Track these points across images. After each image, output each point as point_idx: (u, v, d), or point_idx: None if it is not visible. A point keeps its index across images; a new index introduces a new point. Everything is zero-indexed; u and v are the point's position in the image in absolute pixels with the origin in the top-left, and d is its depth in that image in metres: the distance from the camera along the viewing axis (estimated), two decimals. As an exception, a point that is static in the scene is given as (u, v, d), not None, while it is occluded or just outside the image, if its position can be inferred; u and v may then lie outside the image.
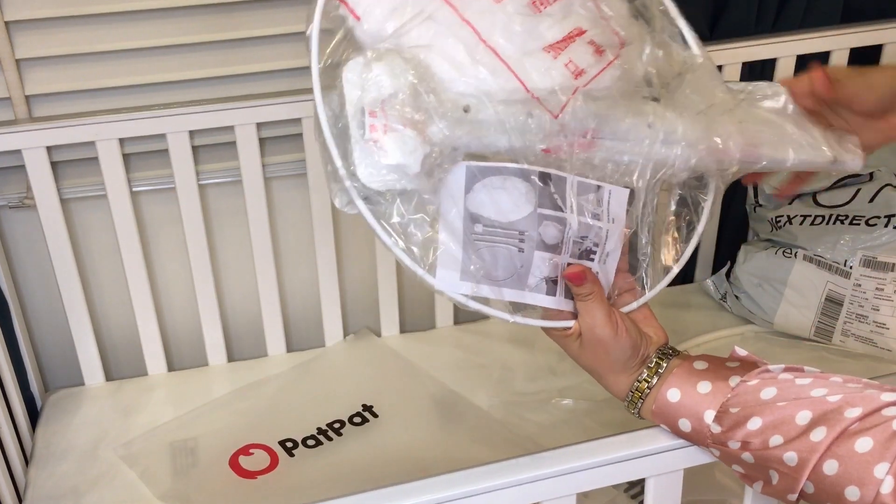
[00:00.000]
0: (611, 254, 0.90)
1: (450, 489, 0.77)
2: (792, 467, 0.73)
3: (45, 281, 1.48)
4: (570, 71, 0.87)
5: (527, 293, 0.86)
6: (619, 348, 0.86)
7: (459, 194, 0.84)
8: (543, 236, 0.86)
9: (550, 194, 0.86)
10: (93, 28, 1.36)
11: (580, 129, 0.87)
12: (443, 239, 0.84)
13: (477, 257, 0.84)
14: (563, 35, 0.87)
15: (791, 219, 1.54)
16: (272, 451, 1.34)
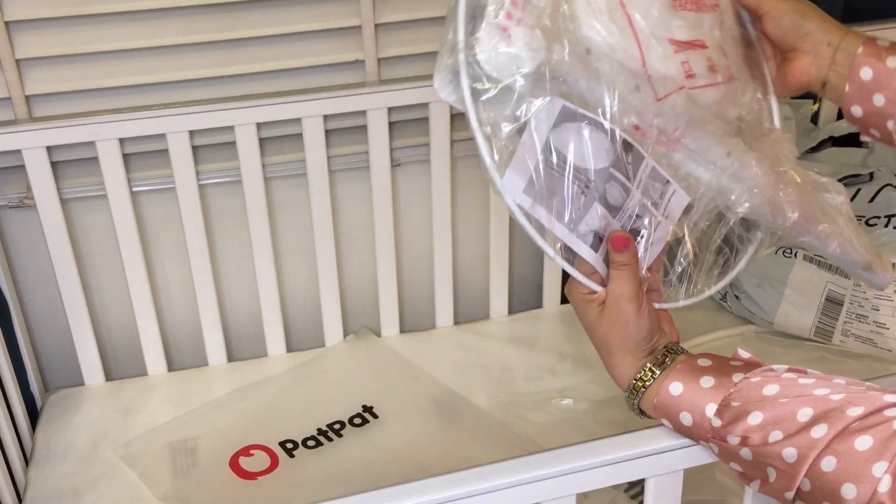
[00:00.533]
0: (654, 245, 0.91)
1: (450, 489, 0.77)
2: (790, 464, 0.73)
3: (45, 281, 1.48)
4: (684, 70, 0.89)
5: (573, 236, 0.87)
6: (637, 327, 0.86)
7: (546, 123, 0.86)
8: (608, 193, 0.88)
9: (626, 163, 0.88)
10: (93, 28, 1.36)
11: (672, 124, 0.89)
12: (523, 145, 0.85)
13: (545, 180, 0.85)
14: (688, 38, 0.90)
15: (791, 219, 1.54)
16: (272, 451, 1.34)
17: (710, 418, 0.79)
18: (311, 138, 1.44)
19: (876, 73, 0.89)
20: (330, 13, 1.44)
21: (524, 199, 0.85)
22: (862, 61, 0.90)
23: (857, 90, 0.90)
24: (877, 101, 0.89)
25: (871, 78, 0.89)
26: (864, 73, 0.90)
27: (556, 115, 0.86)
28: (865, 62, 0.90)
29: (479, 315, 1.69)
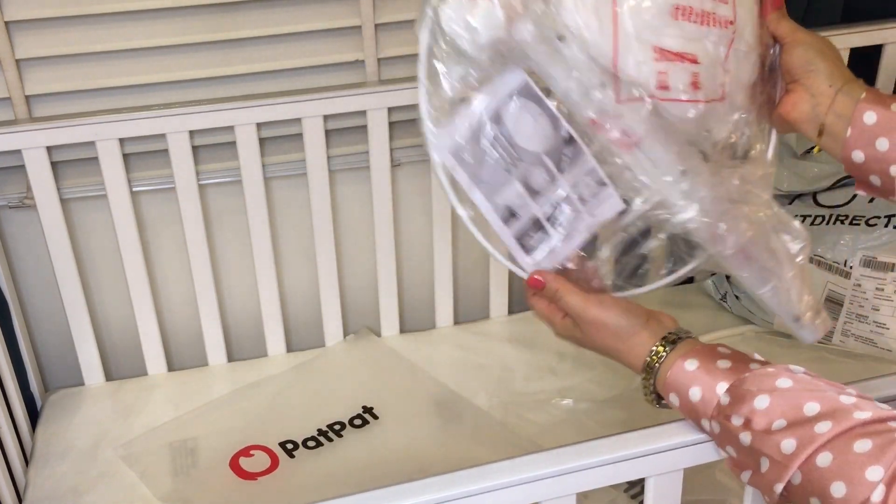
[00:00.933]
0: (570, 238, 0.94)
1: (449, 489, 0.77)
2: (786, 455, 0.73)
3: (45, 281, 1.48)
4: (659, 80, 0.89)
5: (488, 204, 0.92)
6: (612, 316, 0.90)
7: (500, 92, 0.90)
8: (531, 175, 0.92)
9: (562, 154, 0.91)
10: (93, 28, 1.36)
11: (629, 129, 0.90)
12: (465, 110, 0.89)
13: (474, 146, 0.89)
14: (677, 50, 0.90)
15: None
16: (272, 452, 1.34)
17: (719, 395, 0.80)
18: (311, 138, 1.44)
19: (880, 117, 0.89)
20: (330, 13, 1.44)
21: (450, 159, 0.90)
22: (866, 106, 0.90)
23: (860, 134, 0.90)
24: (880, 145, 0.89)
25: (875, 122, 0.89)
26: (867, 117, 0.89)
27: (514, 88, 0.90)
28: (869, 107, 0.89)
29: (479, 315, 1.69)
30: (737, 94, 0.95)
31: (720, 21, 0.92)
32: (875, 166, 0.90)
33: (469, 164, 0.91)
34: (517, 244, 0.94)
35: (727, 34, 0.93)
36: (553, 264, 0.95)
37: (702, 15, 0.91)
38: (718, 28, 0.92)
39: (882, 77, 1.60)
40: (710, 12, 0.91)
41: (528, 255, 0.95)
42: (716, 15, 0.92)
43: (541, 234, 0.95)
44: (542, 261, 0.95)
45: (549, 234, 0.94)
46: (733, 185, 0.95)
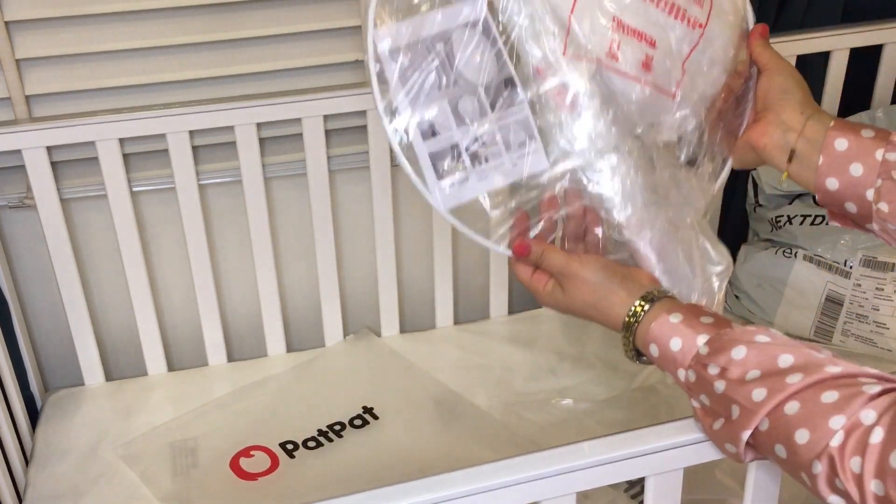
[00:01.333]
0: (485, 179, 0.93)
1: (449, 489, 0.77)
2: (756, 402, 0.74)
3: (45, 281, 1.48)
4: (608, 48, 0.90)
5: (411, 109, 0.91)
6: (592, 271, 0.91)
7: (456, 17, 0.90)
8: (462, 103, 0.92)
9: (499, 93, 0.92)
10: (93, 28, 1.36)
11: (570, 85, 0.91)
12: (417, 17, 0.90)
13: (414, 52, 0.89)
14: (635, 28, 0.90)
15: (791, 219, 1.54)
16: (273, 452, 1.34)
17: (698, 346, 0.81)
18: (311, 138, 1.44)
19: (851, 143, 0.89)
20: (330, 13, 1.44)
21: (385, 52, 0.89)
22: (836, 133, 0.90)
23: (832, 161, 0.90)
24: (854, 170, 0.89)
25: (846, 148, 0.89)
26: (838, 143, 0.89)
27: (472, 19, 0.90)
28: (840, 134, 0.90)
29: (479, 315, 1.69)
30: (690, 96, 0.94)
31: (690, 19, 0.93)
32: (850, 192, 0.90)
33: (403, 66, 0.90)
34: (429, 161, 0.92)
35: (693, 35, 0.93)
36: (461, 197, 0.93)
37: (671, 6, 0.91)
38: (686, 25, 0.92)
39: (882, 77, 1.60)
40: (681, 7, 0.92)
41: (436, 176, 0.93)
42: (686, 12, 0.92)
43: (455, 163, 0.93)
44: (450, 190, 0.93)
45: (465, 165, 0.93)
46: (664, 180, 0.95)
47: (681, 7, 0.92)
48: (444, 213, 0.93)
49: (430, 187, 0.93)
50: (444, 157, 0.92)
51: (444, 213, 0.93)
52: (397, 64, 0.90)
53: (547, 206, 0.94)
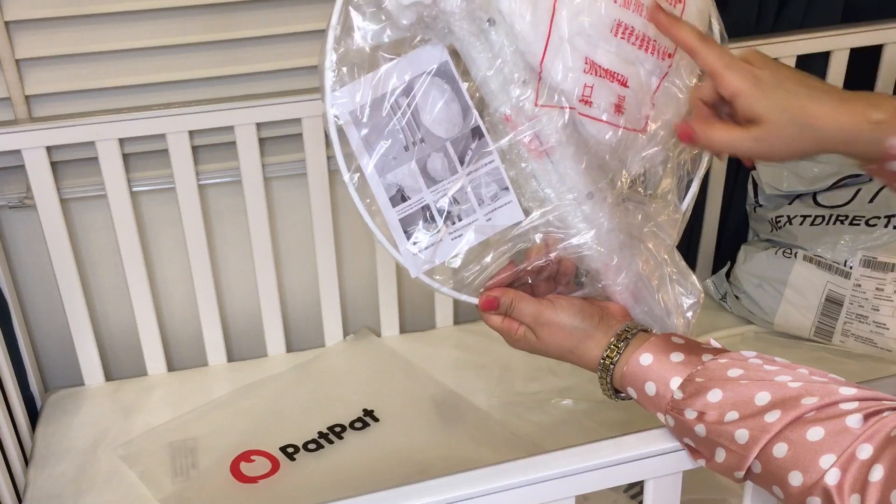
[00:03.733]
0: (460, 238, 0.91)
1: (449, 492, 0.78)
2: (741, 445, 0.74)
3: (45, 281, 1.48)
4: (581, 93, 0.87)
5: (377, 176, 0.88)
6: (567, 316, 0.90)
7: (416, 65, 0.86)
8: (431, 162, 0.89)
9: (467, 146, 0.89)
10: (93, 28, 1.36)
11: (543, 134, 0.88)
12: (374, 73, 0.86)
13: (375, 112, 0.86)
14: (608, 68, 0.88)
15: (791, 219, 1.54)
16: (273, 456, 1.34)
17: (672, 390, 0.81)
18: (311, 138, 1.44)
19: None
20: (330, 13, 1.43)
21: (345, 114, 0.86)
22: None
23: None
24: None
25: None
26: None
27: (433, 65, 0.87)
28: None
29: (478, 315, 1.68)
30: (660, 130, 0.92)
31: (659, 50, 0.90)
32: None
33: (365, 127, 0.87)
34: (400, 228, 0.90)
35: (663, 66, 0.91)
36: (434, 260, 0.92)
37: (642, 38, 0.88)
38: (656, 57, 0.90)
39: (882, 77, 1.60)
40: (651, 38, 0.89)
41: (408, 243, 0.91)
42: (657, 43, 0.90)
43: (427, 224, 0.91)
44: (424, 254, 0.91)
45: (437, 227, 0.91)
46: (637, 221, 0.93)
47: (651, 39, 0.89)
48: (420, 275, 0.93)
49: (402, 253, 0.92)
50: (415, 221, 0.91)
51: (420, 275, 0.93)
52: (360, 131, 0.87)
53: (535, 252, 0.92)
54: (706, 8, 0.95)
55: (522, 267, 0.92)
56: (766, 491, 0.76)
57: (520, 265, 0.92)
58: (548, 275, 0.94)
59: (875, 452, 0.67)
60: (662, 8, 0.87)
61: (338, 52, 0.86)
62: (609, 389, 0.89)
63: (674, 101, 0.93)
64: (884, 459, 0.66)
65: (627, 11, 0.87)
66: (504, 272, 0.93)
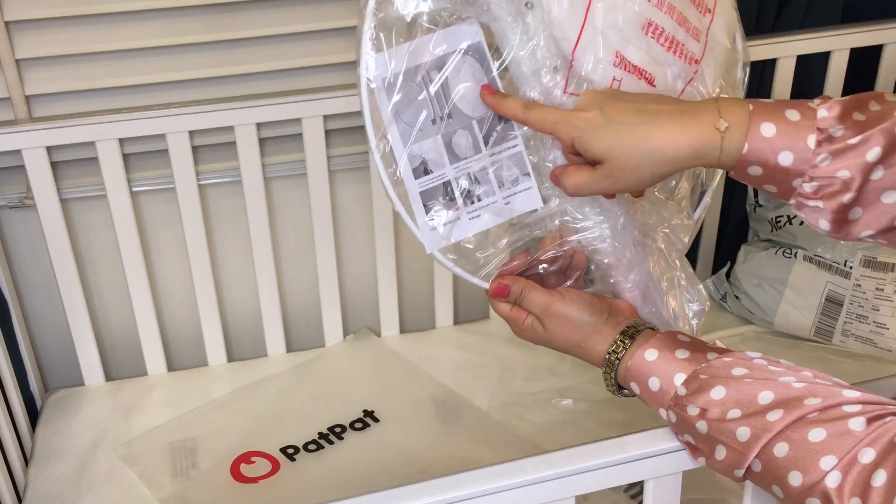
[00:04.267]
0: (477, 219, 0.92)
1: (449, 492, 0.78)
2: (742, 443, 0.74)
3: (45, 281, 1.48)
4: (609, 85, 0.88)
5: (403, 146, 0.89)
6: (576, 309, 0.90)
7: (452, 42, 0.88)
8: (456, 139, 0.90)
9: (493, 127, 0.90)
10: (93, 28, 1.36)
11: None
12: (410, 44, 0.87)
13: (407, 82, 0.87)
14: (637, 64, 0.88)
15: (791, 219, 1.54)
16: (273, 458, 1.34)
17: (676, 386, 0.81)
18: (311, 138, 1.44)
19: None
20: (330, 13, 1.44)
21: (379, 80, 0.87)
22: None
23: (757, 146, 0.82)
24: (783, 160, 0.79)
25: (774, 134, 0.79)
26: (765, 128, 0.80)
27: (467, 43, 0.88)
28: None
29: (479, 315, 1.69)
30: None
31: (686, 55, 0.91)
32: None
33: (396, 95, 0.88)
34: (420, 200, 0.91)
35: (689, 71, 0.92)
36: (451, 237, 0.92)
37: (672, 41, 0.89)
38: (683, 61, 0.91)
39: (882, 77, 1.60)
40: (680, 42, 0.90)
41: (426, 216, 0.92)
42: (684, 47, 0.90)
43: (447, 202, 0.92)
44: (441, 230, 0.92)
45: (457, 204, 0.92)
46: (651, 220, 0.94)
47: (680, 42, 0.90)
48: (434, 252, 0.93)
49: (420, 227, 0.92)
50: (435, 196, 0.91)
51: (434, 252, 0.93)
52: (391, 99, 0.88)
53: (549, 241, 0.93)
54: (733, 22, 0.96)
55: (536, 256, 0.92)
56: (765, 491, 0.76)
57: (533, 254, 0.93)
58: (559, 267, 0.94)
59: (878, 457, 0.67)
60: (490, 88, 0.90)
61: (377, 17, 0.87)
62: (612, 385, 0.89)
63: None
64: (887, 464, 0.66)
65: (660, 13, 0.88)
66: (517, 259, 0.93)
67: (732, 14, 0.96)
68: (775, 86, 1.58)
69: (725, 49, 0.95)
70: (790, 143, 0.76)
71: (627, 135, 0.79)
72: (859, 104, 0.77)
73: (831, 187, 0.77)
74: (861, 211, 0.78)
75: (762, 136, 0.77)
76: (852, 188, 0.76)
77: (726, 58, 0.95)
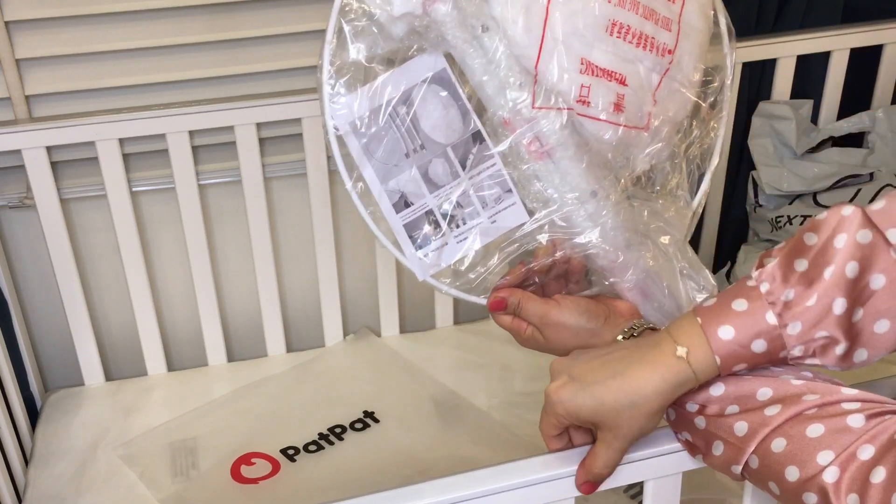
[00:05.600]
0: (464, 241, 0.92)
1: (448, 493, 0.77)
2: (740, 437, 0.74)
3: (45, 281, 1.48)
4: (579, 93, 0.87)
5: (378, 183, 0.89)
6: (573, 316, 0.90)
7: (414, 74, 0.88)
8: (432, 168, 0.90)
9: (468, 150, 0.90)
10: (93, 28, 1.36)
11: (542, 137, 0.88)
12: (371, 84, 0.87)
13: (373, 121, 0.87)
14: (605, 67, 0.87)
15: (791, 219, 1.54)
16: (273, 459, 1.34)
17: None
18: (311, 138, 1.44)
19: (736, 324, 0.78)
20: (329, 13, 1.44)
21: (344, 125, 0.87)
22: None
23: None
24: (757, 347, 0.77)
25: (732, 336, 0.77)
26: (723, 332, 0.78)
27: (430, 73, 0.88)
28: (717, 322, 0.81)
29: (479, 315, 1.69)
30: (663, 126, 0.92)
31: (658, 47, 0.90)
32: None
33: (364, 136, 0.88)
34: (405, 233, 0.91)
35: (663, 63, 0.91)
36: (440, 263, 0.92)
37: (639, 37, 0.88)
38: (654, 54, 0.90)
39: (882, 77, 1.60)
40: (649, 36, 0.89)
41: (413, 247, 0.92)
42: (655, 40, 0.89)
43: (432, 230, 0.92)
44: (430, 258, 0.92)
45: (442, 230, 0.92)
46: (643, 218, 0.93)
47: (649, 36, 0.89)
48: (427, 278, 0.93)
49: (408, 257, 0.92)
50: (419, 226, 0.92)
51: (427, 278, 0.93)
52: (360, 140, 0.88)
53: (542, 252, 0.92)
54: (707, 2, 0.95)
55: (529, 267, 0.92)
56: (763, 490, 0.76)
57: (528, 265, 0.93)
58: (557, 273, 0.95)
59: (877, 454, 0.67)
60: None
61: (334, 65, 0.87)
62: None
63: (676, 97, 0.93)
64: (886, 461, 0.66)
65: (622, 10, 0.87)
66: (513, 273, 0.93)
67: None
68: (775, 86, 1.58)
69: (701, 31, 0.93)
70: (754, 332, 0.74)
71: (605, 394, 0.78)
72: (796, 248, 0.75)
73: (817, 344, 0.75)
74: (865, 352, 0.76)
75: (724, 341, 0.75)
76: (840, 342, 0.74)
77: (703, 39, 0.94)
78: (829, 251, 0.73)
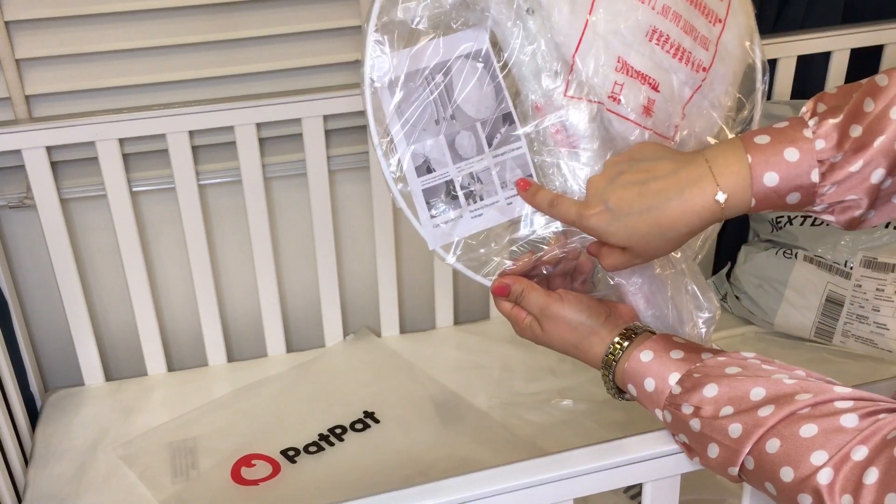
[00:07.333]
0: (478, 218, 0.94)
1: (448, 494, 0.78)
2: (734, 439, 0.75)
3: (45, 281, 1.48)
4: (611, 91, 0.88)
5: (406, 144, 0.91)
6: (573, 311, 0.90)
7: (457, 47, 0.90)
8: (459, 139, 0.92)
9: (497, 129, 0.92)
10: (93, 28, 1.36)
11: (569, 127, 0.89)
12: (415, 47, 0.90)
13: (410, 83, 0.90)
14: (640, 70, 0.89)
15: (791, 219, 1.54)
16: (274, 460, 1.34)
17: (671, 386, 0.81)
18: (311, 138, 1.44)
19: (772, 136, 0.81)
20: (330, 13, 1.44)
21: (382, 80, 0.90)
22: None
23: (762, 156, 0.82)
24: (789, 155, 0.80)
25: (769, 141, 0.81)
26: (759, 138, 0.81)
27: (474, 49, 0.90)
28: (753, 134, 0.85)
29: (479, 315, 1.69)
30: (688, 140, 0.93)
31: (694, 62, 0.91)
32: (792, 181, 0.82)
33: (398, 97, 0.91)
34: (422, 196, 0.93)
35: (696, 79, 0.91)
36: (453, 235, 0.93)
37: (677, 48, 0.89)
38: (689, 68, 0.90)
39: (883, 77, 1.60)
40: (686, 49, 0.90)
41: (428, 213, 0.93)
42: (691, 55, 0.90)
43: (449, 200, 0.93)
44: (443, 227, 0.93)
45: (459, 203, 0.93)
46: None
47: (686, 50, 0.90)
48: (436, 248, 0.94)
49: (422, 223, 0.93)
50: (437, 194, 0.93)
51: (436, 248, 0.94)
52: (393, 97, 0.90)
53: (555, 243, 0.93)
54: (748, 31, 0.95)
55: (539, 255, 0.93)
56: (760, 491, 0.76)
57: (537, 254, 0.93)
58: (564, 270, 0.95)
59: (870, 454, 0.67)
60: (527, 183, 0.93)
61: (381, 21, 0.90)
62: (612, 388, 0.90)
63: (705, 117, 0.93)
64: (879, 462, 0.66)
65: (664, 20, 0.88)
66: (521, 260, 0.93)
67: (748, 23, 0.96)
68: (775, 86, 1.58)
69: (737, 59, 0.94)
70: (795, 185, 0.78)
71: (638, 225, 0.81)
72: (855, 113, 0.77)
73: (841, 205, 0.79)
74: (873, 212, 0.80)
75: (767, 187, 0.78)
76: (862, 206, 0.78)
77: (738, 68, 0.95)
78: (884, 121, 0.76)
